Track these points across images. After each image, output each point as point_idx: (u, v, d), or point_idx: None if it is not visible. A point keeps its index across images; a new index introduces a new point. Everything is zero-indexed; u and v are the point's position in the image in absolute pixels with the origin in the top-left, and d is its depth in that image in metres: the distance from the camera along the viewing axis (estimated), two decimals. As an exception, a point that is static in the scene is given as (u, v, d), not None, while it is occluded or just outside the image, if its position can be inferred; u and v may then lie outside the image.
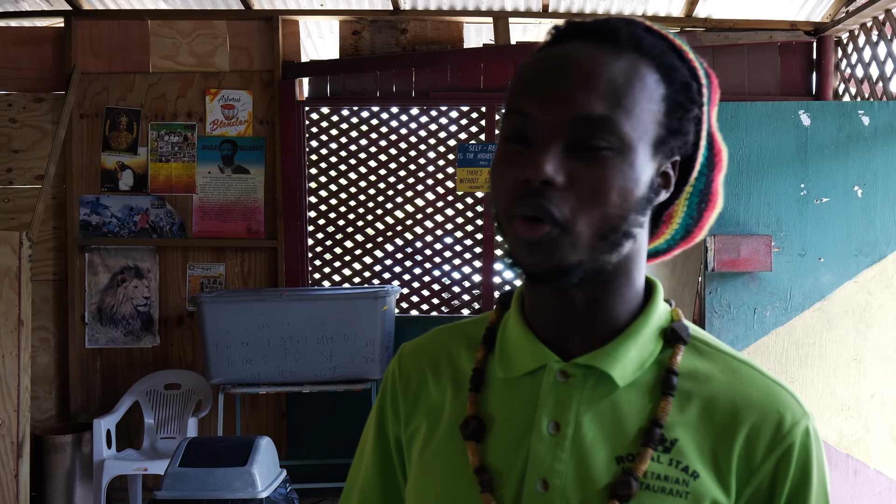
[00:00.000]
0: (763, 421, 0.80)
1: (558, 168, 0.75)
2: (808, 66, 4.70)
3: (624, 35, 0.79)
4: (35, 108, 4.72)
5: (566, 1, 4.67)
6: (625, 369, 0.82)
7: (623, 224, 0.78)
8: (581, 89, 0.76)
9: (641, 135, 0.77)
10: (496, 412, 0.85)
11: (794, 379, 2.74)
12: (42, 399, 4.69)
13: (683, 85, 0.80)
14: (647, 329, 0.84)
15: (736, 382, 0.83)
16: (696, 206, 0.87)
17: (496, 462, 0.83)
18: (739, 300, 2.75)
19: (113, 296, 4.72)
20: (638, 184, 0.77)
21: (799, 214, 2.74)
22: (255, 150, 4.71)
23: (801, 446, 0.81)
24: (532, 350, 0.85)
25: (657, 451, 0.80)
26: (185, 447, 3.43)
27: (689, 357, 0.85)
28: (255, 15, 4.71)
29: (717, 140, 0.87)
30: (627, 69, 0.77)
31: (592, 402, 0.82)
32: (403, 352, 0.95)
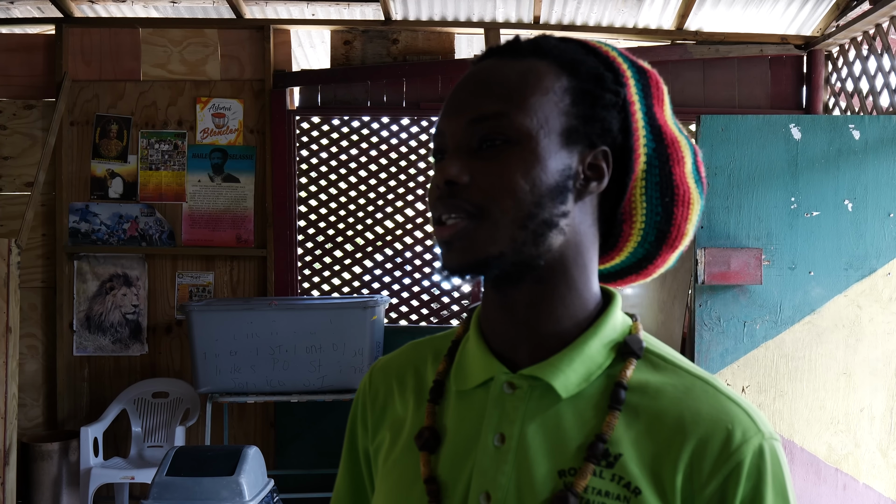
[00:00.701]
0: (710, 437, 0.78)
1: (461, 168, 0.79)
2: (799, 79, 4.74)
3: (525, 45, 0.84)
4: (25, 115, 4.70)
5: (557, 12, 4.69)
6: (568, 380, 0.81)
7: (539, 211, 0.79)
8: (476, 95, 0.81)
9: (542, 124, 0.79)
10: (451, 424, 0.86)
11: (783, 392, 2.74)
12: (29, 406, 4.66)
13: (592, 76, 0.82)
14: (596, 341, 0.83)
15: (687, 398, 0.81)
16: (660, 201, 0.85)
17: (445, 473, 0.83)
18: (729, 313, 2.75)
19: (101, 304, 4.69)
20: (546, 171, 0.79)
21: (789, 228, 2.75)
22: (245, 158, 4.70)
23: (753, 466, 0.77)
24: (483, 362, 0.85)
25: (600, 466, 0.79)
26: (173, 456, 3.41)
27: (641, 371, 0.83)
28: (246, 24, 4.71)
29: (669, 131, 0.86)
30: (522, 69, 0.81)
31: (537, 414, 0.82)
32: (376, 366, 0.97)
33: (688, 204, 0.87)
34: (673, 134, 0.87)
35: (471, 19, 4.74)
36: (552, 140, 0.80)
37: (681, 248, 0.90)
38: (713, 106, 4.67)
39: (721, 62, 4.71)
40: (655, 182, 0.85)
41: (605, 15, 4.69)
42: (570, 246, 0.82)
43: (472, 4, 4.62)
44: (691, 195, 0.87)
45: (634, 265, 0.91)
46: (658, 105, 0.87)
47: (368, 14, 4.75)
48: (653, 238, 0.87)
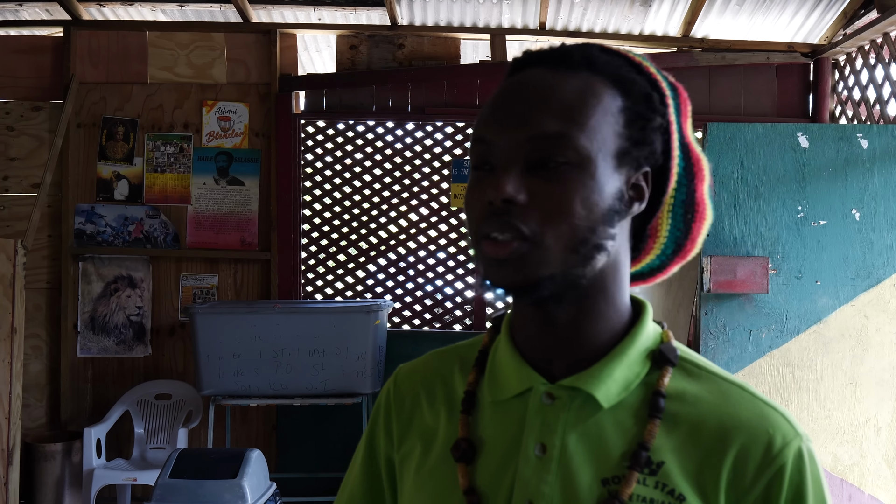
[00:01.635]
0: (752, 442, 0.79)
1: (519, 187, 0.78)
2: (805, 88, 4.73)
3: (577, 56, 0.82)
4: (33, 117, 4.71)
5: (563, 18, 4.69)
6: (609, 391, 0.82)
7: (592, 236, 0.79)
8: (535, 110, 0.79)
9: (600, 147, 0.79)
10: (486, 434, 0.86)
11: (788, 402, 2.73)
12: (33, 407, 4.66)
13: (643, 96, 0.82)
14: (633, 350, 0.84)
15: (725, 404, 0.82)
16: (683, 218, 0.87)
17: (485, 484, 0.84)
18: (735, 322, 2.75)
19: (106, 305, 4.70)
20: (602, 195, 0.79)
21: (796, 237, 2.74)
22: (250, 162, 4.71)
23: (794, 468, 0.79)
24: (519, 373, 0.85)
25: (643, 474, 0.79)
26: (176, 458, 3.41)
27: (677, 379, 0.84)
28: (253, 28, 4.72)
29: (694, 150, 0.88)
30: (580, 86, 0.80)
31: (578, 424, 0.82)
32: (400, 373, 0.96)
33: (703, 219, 0.88)
34: (697, 152, 0.88)
35: (476, 25, 4.75)
36: (608, 163, 0.79)
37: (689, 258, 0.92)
38: (719, 114, 4.67)
39: (727, 70, 4.70)
40: (682, 200, 0.86)
41: (612, 21, 4.69)
42: (610, 265, 0.83)
43: (477, 10, 4.63)
44: (707, 211, 0.89)
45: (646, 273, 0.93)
46: (685, 122, 0.88)
47: (374, 19, 4.76)
48: (671, 251, 0.90)
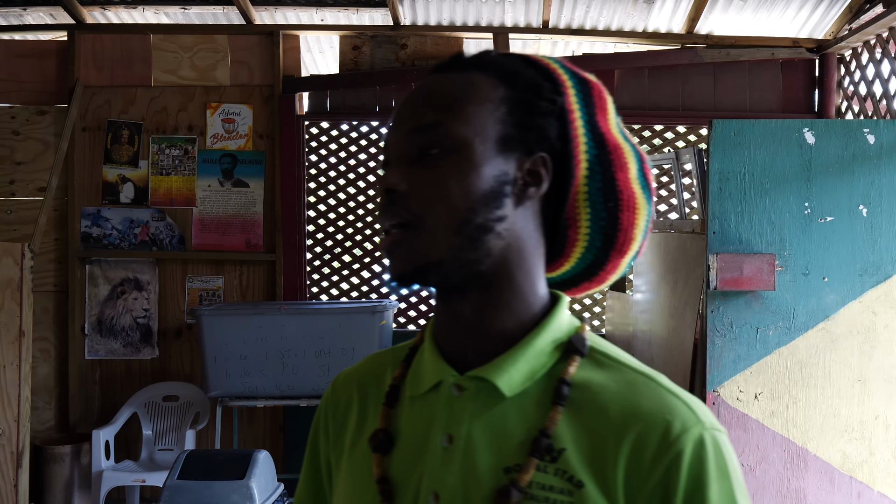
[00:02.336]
0: (649, 430, 0.79)
1: (401, 178, 0.82)
2: (811, 83, 4.71)
3: (468, 59, 0.87)
4: (38, 121, 4.73)
5: (566, 17, 4.68)
6: (512, 380, 0.83)
7: (473, 216, 0.81)
8: (418, 107, 0.85)
9: (477, 132, 0.82)
10: (404, 427, 0.88)
11: (796, 400, 2.72)
12: (42, 409, 4.68)
13: (529, 86, 0.85)
14: (541, 341, 0.85)
15: (629, 393, 0.82)
16: (604, 206, 0.87)
17: (398, 474, 0.85)
18: (742, 319, 2.74)
19: (113, 307, 4.71)
20: (481, 177, 0.81)
21: (803, 233, 2.73)
22: (254, 163, 4.71)
23: (693, 455, 0.78)
24: (434, 366, 0.87)
25: (544, 462, 0.80)
26: (184, 460, 3.42)
27: (586, 369, 0.85)
28: (256, 30, 4.72)
29: (613, 139, 0.89)
30: (462, 81, 0.85)
31: (483, 414, 0.83)
32: (338, 378, 0.99)
33: (633, 209, 0.88)
34: (616, 141, 0.89)
35: (479, 24, 4.74)
36: (488, 147, 0.82)
37: (631, 254, 0.91)
38: (724, 110, 4.65)
39: (732, 66, 4.69)
40: (598, 188, 0.87)
41: (615, 19, 4.68)
42: (512, 251, 0.84)
43: (480, 9, 4.62)
44: (636, 200, 0.88)
45: (585, 272, 0.92)
46: (601, 114, 0.89)
47: (377, 19, 4.76)
48: (599, 243, 0.89)
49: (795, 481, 2.73)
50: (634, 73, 4.72)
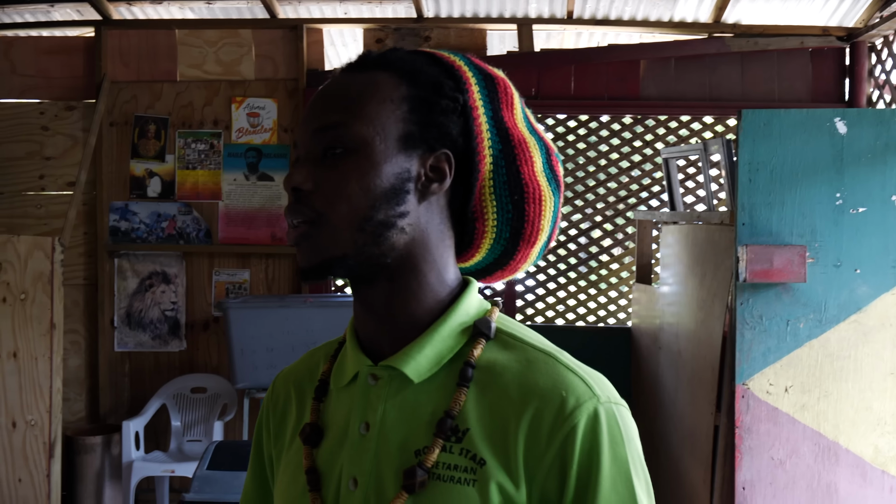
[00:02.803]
0: (545, 405, 0.81)
1: (307, 176, 0.85)
2: (841, 72, 4.64)
3: (370, 58, 0.89)
4: (66, 117, 4.78)
5: (591, 7, 4.65)
6: (419, 366, 0.86)
7: (375, 213, 0.84)
8: (322, 108, 0.87)
9: (378, 131, 0.85)
10: (330, 419, 0.92)
11: (828, 393, 2.69)
12: (73, 401, 4.75)
13: (430, 84, 0.87)
14: (446, 327, 0.87)
15: (528, 371, 0.84)
16: (510, 199, 0.89)
17: (324, 464, 0.90)
18: (772, 312, 2.71)
19: (141, 300, 4.76)
20: (381, 175, 0.84)
21: (834, 224, 2.70)
22: (279, 157, 4.73)
23: (587, 429, 0.80)
24: (353, 358, 0.91)
25: (449, 442, 0.83)
26: (213, 450, 3.45)
27: (492, 351, 0.87)
28: (280, 24, 4.73)
29: (518, 133, 0.91)
30: (364, 80, 0.87)
31: (395, 401, 0.87)
32: (278, 377, 1.03)
33: (539, 201, 0.90)
34: (521, 135, 0.91)
35: (503, 15, 4.72)
36: (389, 146, 0.85)
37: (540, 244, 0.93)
38: (752, 100, 4.60)
39: (760, 55, 4.63)
40: (503, 182, 0.89)
41: (640, 9, 4.64)
42: (417, 244, 0.87)
43: (504, 0, 4.60)
44: (542, 192, 0.91)
45: (496, 262, 0.95)
46: (507, 109, 0.91)
47: (400, 12, 4.75)
48: (508, 235, 0.91)
49: (826, 475, 2.70)
50: (660, 64, 4.68)
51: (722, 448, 2.88)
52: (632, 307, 4.64)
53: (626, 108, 4.73)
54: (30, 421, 3.74)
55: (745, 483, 2.72)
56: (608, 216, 4.89)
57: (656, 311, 4.01)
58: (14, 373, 3.74)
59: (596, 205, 4.89)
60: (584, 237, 4.91)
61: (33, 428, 3.74)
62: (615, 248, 4.91)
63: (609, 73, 4.66)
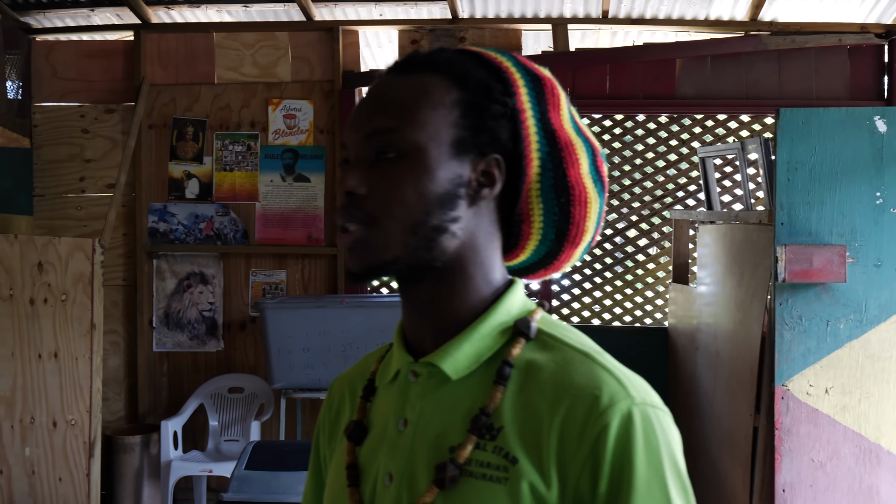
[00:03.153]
0: (578, 404, 0.81)
1: (361, 180, 0.85)
2: (880, 69, 4.57)
3: (418, 59, 0.89)
4: (106, 119, 4.86)
5: (626, 6, 4.63)
6: (458, 363, 0.87)
7: (428, 219, 0.84)
8: (373, 111, 0.87)
9: (432, 136, 0.85)
10: (375, 416, 0.93)
11: (869, 394, 2.66)
12: (112, 400, 4.82)
13: (480, 88, 0.87)
14: (487, 326, 0.88)
15: (564, 370, 0.84)
16: (556, 202, 0.90)
17: (365, 460, 0.91)
18: (811, 312, 2.68)
19: (179, 301, 4.82)
20: (435, 181, 0.84)
21: (875, 224, 2.66)
22: (315, 158, 4.77)
23: (621, 429, 0.79)
24: (398, 356, 0.92)
25: (483, 439, 0.83)
26: (251, 450, 3.48)
27: (531, 351, 0.87)
28: (316, 26, 4.77)
29: (565, 135, 0.91)
30: (413, 84, 0.87)
31: (432, 397, 0.88)
32: (334, 382, 1.05)
33: (585, 203, 0.91)
34: (567, 137, 0.91)
35: (538, 15, 4.71)
36: (442, 151, 0.85)
37: (584, 244, 0.94)
38: (789, 98, 4.55)
39: (797, 53, 4.58)
40: (550, 184, 0.89)
41: (676, 7, 4.61)
42: (466, 247, 0.88)
43: (539, 1, 4.59)
44: (588, 194, 0.91)
45: (541, 261, 0.96)
46: (553, 110, 0.91)
47: (436, 13, 4.77)
48: (553, 236, 0.92)
49: (868, 478, 2.66)
50: (696, 62, 4.64)
51: (761, 450, 2.85)
52: (669, 307, 4.61)
53: (661, 108, 4.70)
54: (70, 420, 3.80)
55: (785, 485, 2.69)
56: (644, 216, 4.86)
57: (694, 312, 3.97)
58: (55, 373, 3.81)
59: (632, 204, 4.86)
60: (620, 237, 4.88)
61: (73, 427, 3.80)
62: (652, 247, 4.88)
63: (645, 72, 4.64)
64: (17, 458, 3.79)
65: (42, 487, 3.80)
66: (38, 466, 3.80)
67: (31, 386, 3.81)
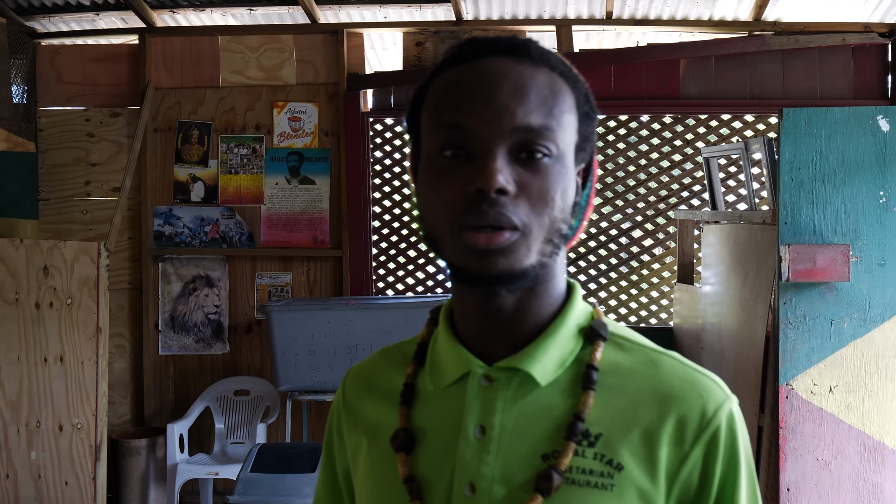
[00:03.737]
0: (688, 409, 0.82)
1: (509, 177, 0.79)
2: (883, 69, 4.57)
3: (535, 51, 0.84)
4: (111, 123, 4.88)
5: (630, 7, 4.63)
6: (545, 368, 0.85)
7: (563, 226, 0.83)
8: (517, 101, 0.80)
9: (570, 142, 0.83)
10: (427, 423, 0.88)
11: (872, 393, 2.65)
12: (118, 404, 4.83)
13: (585, 97, 0.87)
14: (566, 328, 0.87)
15: (658, 373, 0.85)
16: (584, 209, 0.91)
17: (426, 471, 0.86)
18: (815, 311, 2.68)
19: (185, 304, 4.84)
20: (571, 188, 0.84)
21: (878, 223, 2.66)
22: (320, 161, 4.78)
23: (728, 429, 0.83)
24: (458, 359, 0.87)
25: (581, 446, 0.82)
26: (257, 453, 3.49)
27: (609, 352, 0.87)
28: (320, 29, 4.79)
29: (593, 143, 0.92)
30: (549, 82, 0.83)
31: (516, 403, 0.85)
32: (347, 376, 1.00)
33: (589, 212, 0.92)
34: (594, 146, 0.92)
35: (542, 17, 4.72)
36: (571, 157, 0.84)
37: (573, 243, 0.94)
38: (793, 98, 4.54)
39: (801, 53, 4.58)
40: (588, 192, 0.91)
41: (680, 7, 4.61)
42: None
43: (543, 2, 4.60)
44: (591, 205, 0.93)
45: None
46: None
47: (440, 15, 4.78)
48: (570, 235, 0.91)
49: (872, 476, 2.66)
50: (700, 63, 4.64)
51: (766, 449, 2.85)
52: (673, 307, 4.60)
53: (666, 108, 4.70)
54: (76, 424, 3.82)
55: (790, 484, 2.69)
56: (649, 216, 4.86)
57: (698, 311, 3.97)
58: (61, 376, 3.83)
59: (637, 205, 4.86)
60: (624, 237, 4.88)
61: (79, 431, 3.82)
62: (656, 247, 4.88)
63: (649, 72, 4.64)
64: (24, 462, 3.81)
65: (48, 491, 3.81)
66: (44, 470, 3.81)
67: (37, 390, 3.82)
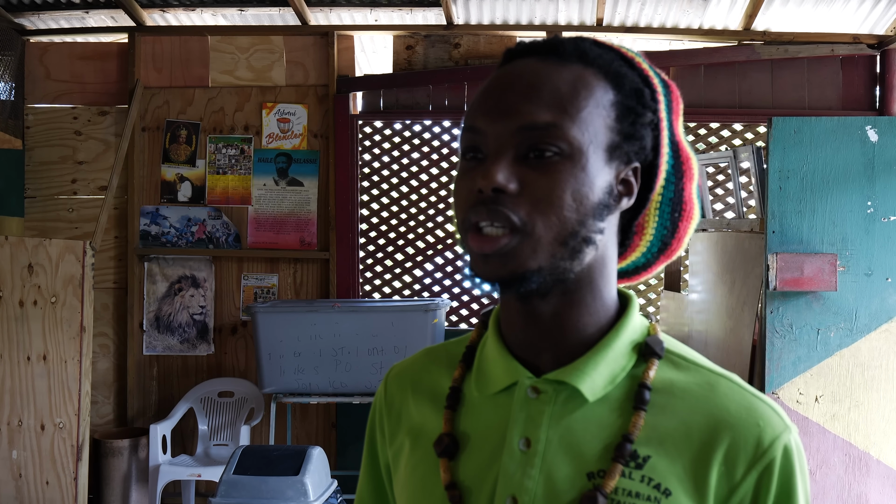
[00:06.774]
0: (742, 436, 0.79)
1: (510, 176, 0.77)
2: (871, 80, 4.60)
3: (568, 48, 0.82)
4: (99, 122, 4.85)
5: (620, 14, 4.64)
6: (594, 384, 0.82)
7: (581, 229, 0.78)
8: (525, 99, 0.79)
9: (592, 139, 0.78)
10: (471, 429, 0.86)
11: (858, 403, 2.66)
12: (101, 404, 4.80)
13: (634, 91, 0.82)
14: (619, 343, 0.83)
15: (714, 397, 0.81)
16: (670, 216, 0.87)
17: (468, 479, 0.84)
18: (802, 320, 2.69)
19: (170, 304, 4.81)
20: (593, 188, 0.79)
21: (865, 233, 2.67)
22: (309, 163, 4.76)
23: (783, 462, 0.79)
24: (506, 367, 0.85)
25: (629, 468, 0.79)
26: (240, 455, 3.47)
27: (664, 371, 0.84)
28: (311, 30, 4.78)
29: (684, 148, 0.88)
30: (572, 77, 0.80)
31: (563, 418, 0.82)
32: (390, 373, 0.98)
33: (690, 219, 0.88)
34: (687, 151, 0.88)
35: (532, 22, 4.73)
36: (598, 156, 0.79)
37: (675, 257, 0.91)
38: (782, 107, 4.57)
39: (790, 63, 4.60)
40: (670, 198, 0.86)
41: (670, 16, 4.62)
42: (598, 259, 0.83)
43: (533, 7, 4.61)
44: (694, 210, 0.89)
45: (631, 271, 0.93)
46: (677, 120, 0.88)
47: (430, 19, 4.78)
48: (656, 249, 0.90)
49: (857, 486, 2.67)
50: (690, 71, 4.66)
51: (750, 458, 2.85)
52: (660, 314, 4.61)
53: (654, 116, 4.71)
54: (58, 423, 3.78)
55: (774, 493, 2.69)
56: (636, 224, 4.86)
57: (685, 319, 3.98)
58: (43, 375, 3.80)
59: (623, 212, 4.87)
60: (611, 245, 4.89)
61: (61, 430, 3.78)
62: (642, 255, 4.88)
63: (637, 80, 4.65)
64: (4, 462, 3.77)
65: (29, 491, 3.77)
66: (25, 470, 3.78)
67: (19, 388, 3.79)
